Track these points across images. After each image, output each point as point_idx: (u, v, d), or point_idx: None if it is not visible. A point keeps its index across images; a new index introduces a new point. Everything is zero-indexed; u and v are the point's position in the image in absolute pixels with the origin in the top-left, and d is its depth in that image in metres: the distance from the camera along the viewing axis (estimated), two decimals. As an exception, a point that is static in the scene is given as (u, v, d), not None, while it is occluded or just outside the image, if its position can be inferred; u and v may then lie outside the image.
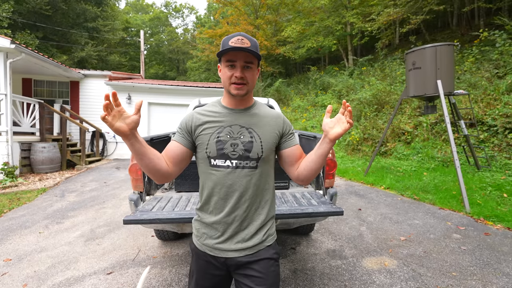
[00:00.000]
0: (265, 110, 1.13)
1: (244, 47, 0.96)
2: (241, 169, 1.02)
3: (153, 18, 36.57)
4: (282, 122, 1.12)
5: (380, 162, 7.03)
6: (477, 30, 8.85)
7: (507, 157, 5.33)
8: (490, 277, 2.32)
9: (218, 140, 1.02)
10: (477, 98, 6.64)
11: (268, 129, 1.07)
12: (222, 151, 1.02)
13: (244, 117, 1.07)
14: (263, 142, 1.04)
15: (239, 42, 0.97)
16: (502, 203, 3.95)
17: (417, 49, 4.82)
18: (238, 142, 1.02)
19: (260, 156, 1.04)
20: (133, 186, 2.21)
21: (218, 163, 1.03)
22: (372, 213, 3.96)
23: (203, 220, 1.08)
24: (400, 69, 10.03)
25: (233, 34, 0.99)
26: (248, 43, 0.98)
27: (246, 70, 1.00)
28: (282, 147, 1.11)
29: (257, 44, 1.02)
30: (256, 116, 1.09)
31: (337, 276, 2.38)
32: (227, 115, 1.07)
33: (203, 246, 1.07)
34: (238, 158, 1.02)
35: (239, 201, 1.03)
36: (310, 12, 15.15)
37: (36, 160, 6.94)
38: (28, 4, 16.87)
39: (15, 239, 3.19)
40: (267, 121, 1.09)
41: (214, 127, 1.05)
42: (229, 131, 1.04)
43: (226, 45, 0.97)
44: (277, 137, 1.09)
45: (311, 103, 12.76)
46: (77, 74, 9.49)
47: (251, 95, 1.10)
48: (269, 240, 1.09)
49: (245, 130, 1.05)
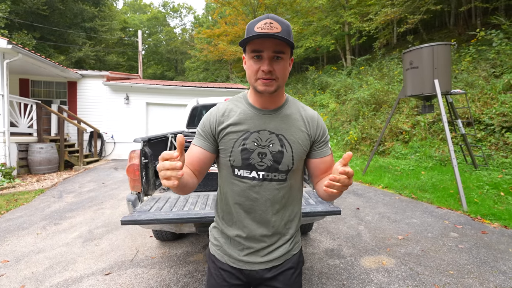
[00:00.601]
0: (298, 110, 0.96)
1: (273, 33, 0.77)
2: (268, 181, 0.90)
3: (151, 18, 36.51)
4: (315, 127, 0.95)
5: (378, 161, 7.05)
6: (474, 30, 8.89)
7: (504, 155, 5.36)
8: (487, 275, 2.33)
9: (243, 149, 0.89)
10: (474, 97, 6.67)
11: (300, 136, 0.92)
12: (248, 161, 0.89)
13: (274, 120, 0.91)
14: (294, 153, 0.91)
15: (267, 27, 0.78)
16: (499, 201, 3.98)
17: (414, 49, 4.84)
18: (266, 152, 0.88)
19: (290, 168, 0.91)
20: (131, 186, 2.21)
21: (243, 173, 0.91)
22: (370, 212, 3.97)
23: (224, 231, 0.98)
24: (397, 69, 10.07)
25: (260, 17, 0.81)
26: (278, 27, 0.79)
27: (275, 62, 0.82)
28: (309, 155, 0.97)
29: (289, 28, 0.82)
30: (288, 119, 0.92)
31: (335, 275, 2.39)
32: (254, 118, 0.91)
33: (224, 257, 0.97)
34: (265, 169, 0.89)
35: (266, 216, 0.92)
36: (308, 12, 15.17)
37: (33, 161, 6.91)
38: (25, 4, 16.78)
39: (13, 240, 3.18)
40: (299, 125, 0.93)
41: (239, 132, 0.90)
42: (257, 137, 0.89)
43: (251, 31, 0.80)
44: (308, 145, 0.94)
45: (309, 103, 12.77)
46: (75, 74, 9.46)
47: (282, 91, 0.93)
48: (295, 248, 1.01)
49: (275, 138, 0.90)
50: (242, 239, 0.94)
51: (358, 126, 8.74)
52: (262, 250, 0.94)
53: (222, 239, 1.00)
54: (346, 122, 9.71)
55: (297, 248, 1.02)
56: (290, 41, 0.79)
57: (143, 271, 2.48)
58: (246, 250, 0.95)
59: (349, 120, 9.63)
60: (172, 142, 3.44)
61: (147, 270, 2.50)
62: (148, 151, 2.34)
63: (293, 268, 0.98)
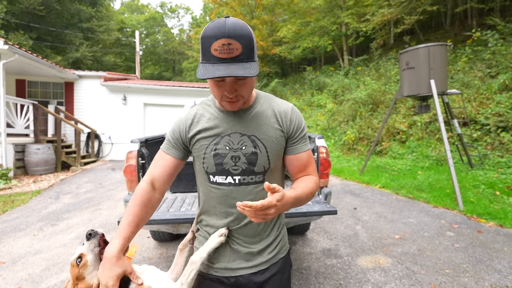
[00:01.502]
0: (270, 106, 0.91)
1: (233, 58, 0.71)
2: (245, 185, 0.87)
3: (148, 18, 36.42)
4: (289, 122, 0.90)
5: (375, 161, 7.08)
6: (470, 30, 8.96)
7: (500, 155, 5.40)
8: (482, 274, 2.35)
9: (216, 154, 0.86)
10: (470, 97, 6.72)
11: (274, 133, 0.88)
12: (222, 166, 0.86)
13: (244, 121, 0.87)
14: (269, 152, 0.87)
15: (224, 50, 0.70)
16: (494, 200, 4.01)
17: (410, 49, 4.87)
18: (239, 155, 0.85)
19: (267, 168, 0.87)
20: (128, 187, 2.21)
21: (218, 180, 0.88)
22: (367, 212, 3.99)
23: (206, 236, 0.95)
24: (394, 69, 10.12)
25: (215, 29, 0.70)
26: (238, 47, 0.70)
27: (239, 84, 0.77)
28: (285, 151, 0.93)
29: (250, 41, 0.73)
30: (258, 117, 0.88)
31: (332, 275, 2.40)
32: (224, 121, 0.88)
33: (206, 267, 0.93)
34: (241, 173, 0.86)
35: (245, 220, 0.89)
36: (305, 13, 15.20)
37: (30, 161, 6.87)
38: (21, 5, 16.70)
39: (9, 241, 3.17)
40: (272, 122, 0.89)
41: (210, 138, 0.87)
42: (228, 141, 0.86)
43: (207, 52, 0.72)
44: (284, 141, 0.90)
45: (307, 103, 12.81)
46: (72, 75, 9.43)
47: None
48: (282, 252, 0.97)
49: (247, 139, 0.86)
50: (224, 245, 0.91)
51: (355, 126, 8.78)
52: (246, 255, 0.91)
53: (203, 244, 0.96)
54: (343, 122, 9.74)
55: (284, 252, 0.99)
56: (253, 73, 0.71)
57: (141, 272, 2.48)
58: (227, 255, 0.92)
59: (346, 120, 9.66)
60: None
61: (145, 271, 2.49)
62: (145, 151, 2.34)
63: (280, 272, 0.95)
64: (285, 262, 0.98)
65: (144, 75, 32.20)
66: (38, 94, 9.72)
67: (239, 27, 0.71)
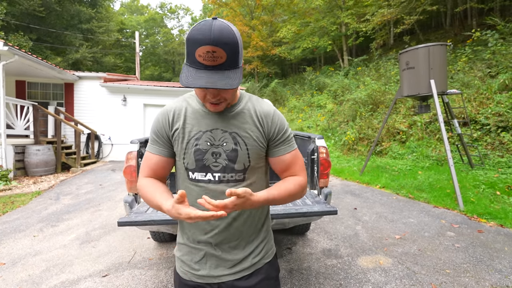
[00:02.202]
0: (253, 106, 0.91)
1: (217, 66, 0.71)
2: (225, 183, 0.86)
3: (148, 19, 36.47)
4: (270, 123, 0.89)
5: (375, 161, 7.08)
6: (469, 30, 8.96)
7: (500, 155, 5.40)
8: (483, 274, 2.35)
9: (196, 150, 0.85)
10: (470, 97, 6.72)
11: (254, 132, 0.88)
12: (202, 162, 0.85)
13: (227, 118, 0.87)
14: (249, 150, 0.86)
15: (208, 57, 0.69)
16: (495, 200, 4.01)
17: (410, 49, 4.87)
18: (220, 151, 0.85)
19: (247, 166, 0.87)
20: (128, 188, 2.20)
21: (198, 176, 0.86)
22: (368, 212, 3.99)
23: (185, 242, 0.93)
24: (394, 69, 10.12)
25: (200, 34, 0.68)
26: (222, 56, 0.70)
27: (222, 90, 0.78)
28: (267, 153, 0.93)
29: (235, 46, 0.72)
30: (241, 116, 0.88)
31: (333, 275, 2.39)
32: (206, 117, 0.87)
33: (188, 273, 0.91)
34: (221, 170, 0.85)
35: (226, 219, 0.87)
36: (305, 13, 15.23)
37: (30, 163, 6.87)
38: (21, 6, 16.72)
39: (9, 243, 3.16)
40: (253, 122, 0.88)
41: (191, 132, 0.86)
42: (209, 137, 0.85)
43: (192, 57, 0.71)
44: (264, 142, 0.90)
45: (307, 104, 12.81)
46: (72, 76, 9.43)
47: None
48: (267, 256, 0.95)
49: (228, 136, 0.85)
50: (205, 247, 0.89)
51: (355, 127, 8.77)
52: (228, 261, 0.89)
53: (184, 251, 0.93)
54: (343, 123, 9.74)
55: (270, 256, 0.96)
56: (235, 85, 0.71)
57: (141, 273, 2.48)
58: (209, 262, 0.89)
59: (346, 120, 9.66)
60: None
61: (145, 272, 2.49)
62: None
63: (266, 279, 0.92)
64: (272, 267, 0.95)
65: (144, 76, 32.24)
66: (38, 95, 9.72)
67: (226, 32, 0.69)
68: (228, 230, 0.88)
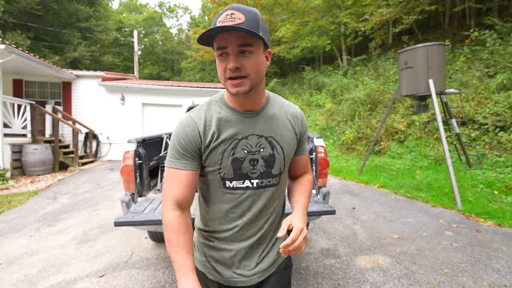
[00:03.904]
0: (282, 108, 0.90)
1: (235, 25, 0.68)
2: (263, 188, 0.85)
3: (147, 18, 36.32)
4: (300, 124, 0.92)
5: (374, 161, 7.08)
6: (468, 30, 8.97)
7: (498, 154, 5.41)
8: (480, 273, 2.35)
9: (234, 159, 0.81)
10: (468, 97, 6.73)
11: (289, 135, 0.88)
12: (240, 171, 0.82)
13: (260, 122, 0.83)
14: (285, 154, 0.86)
15: (228, 19, 0.69)
16: (493, 200, 4.02)
17: (409, 49, 4.87)
18: (258, 157, 0.82)
19: (282, 170, 0.87)
20: (125, 187, 2.19)
21: (236, 185, 0.83)
22: (366, 211, 3.99)
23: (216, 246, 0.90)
24: (393, 69, 10.13)
25: (224, 9, 0.72)
26: (241, 17, 0.69)
27: (243, 57, 0.72)
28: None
29: (256, 17, 0.72)
30: (273, 119, 0.86)
31: (331, 275, 2.39)
32: (239, 122, 0.82)
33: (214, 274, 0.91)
34: (259, 176, 0.83)
35: (259, 224, 0.88)
36: (304, 12, 15.20)
37: (27, 162, 6.84)
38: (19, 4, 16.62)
39: (5, 242, 3.14)
40: (286, 123, 0.88)
41: (226, 141, 0.81)
42: (246, 144, 0.82)
43: (213, 27, 0.71)
44: (296, 143, 0.91)
45: (306, 103, 12.80)
46: (69, 74, 9.38)
47: (261, 89, 0.83)
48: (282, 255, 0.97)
49: (265, 141, 0.83)
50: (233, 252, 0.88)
51: (354, 126, 8.78)
52: (259, 262, 0.90)
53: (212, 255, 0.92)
54: (342, 122, 9.74)
55: None
56: (254, 32, 0.67)
57: (138, 273, 2.46)
58: (237, 263, 0.89)
59: (345, 120, 9.66)
60: (167, 143, 3.43)
61: (142, 272, 2.48)
62: (143, 151, 2.32)
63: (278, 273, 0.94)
64: (285, 264, 0.98)
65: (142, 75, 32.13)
66: (35, 94, 9.67)
67: (247, 6, 0.72)
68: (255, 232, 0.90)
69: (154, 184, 2.73)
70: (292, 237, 0.74)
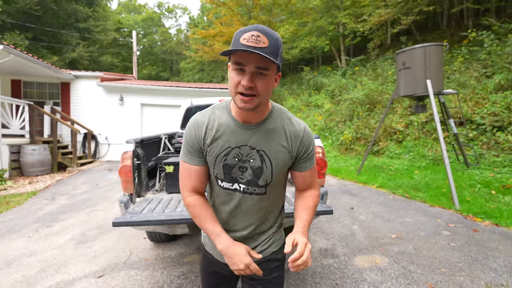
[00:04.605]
0: (282, 124, 0.93)
1: (259, 48, 0.73)
2: (249, 194, 0.94)
3: (145, 18, 36.29)
4: (298, 144, 0.94)
5: (372, 161, 7.10)
6: (466, 31, 9.00)
7: (495, 154, 5.43)
8: (478, 273, 2.37)
9: (225, 164, 0.91)
10: (466, 97, 6.76)
11: (281, 151, 0.91)
12: (230, 175, 0.92)
13: (255, 135, 0.90)
14: (274, 168, 0.91)
15: (253, 40, 0.74)
16: (490, 200, 4.03)
17: (407, 49, 4.89)
18: (247, 166, 0.90)
19: (269, 182, 0.93)
20: (123, 188, 2.19)
21: (226, 185, 0.95)
22: (364, 211, 4.00)
23: None
24: (391, 69, 10.15)
25: (248, 27, 0.77)
26: (265, 41, 0.74)
27: (258, 78, 0.78)
28: (291, 167, 1.00)
29: (278, 43, 0.78)
30: (269, 134, 0.91)
31: (329, 274, 2.40)
32: (235, 132, 0.90)
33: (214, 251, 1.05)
34: (246, 183, 0.93)
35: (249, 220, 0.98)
36: (303, 13, 15.23)
37: (26, 162, 6.82)
38: (17, 4, 16.58)
39: (4, 243, 3.14)
40: (281, 141, 0.92)
41: (221, 147, 0.91)
42: (238, 153, 0.90)
43: (237, 42, 0.76)
44: (290, 160, 0.95)
45: (304, 103, 12.82)
46: (68, 75, 9.37)
47: (265, 104, 0.90)
48: (273, 246, 1.04)
49: (256, 153, 0.90)
50: None
51: (352, 126, 8.79)
52: None
53: None
54: (340, 122, 9.76)
55: (276, 246, 1.05)
56: (273, 60, 0.74)
57: (137, 273, 2.47)
58: None
59: (343, 120, 9.68)
60: (165, 143, 3.43)
61: (141, 272, 2.48)
62: (141, 152, 2.33)
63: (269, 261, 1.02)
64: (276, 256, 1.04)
65: (141, 76, 32.10)
66: (34, 95, 9.64)
67: (270, 30, 0.78)
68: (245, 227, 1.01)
69: (152, 184, 2.73)
70: (299, 251, 0.80)
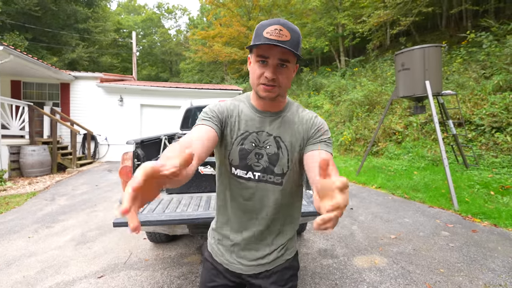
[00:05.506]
0: (297, 113, 0.95)
1: (282, 41, 0.77)
2: (264, 183, 0.91)
3: (145, 19, 36.29)
4: (310, 126, 0.92)
5: (372, 161, 7.11)
6: (464, 32, 9.04)
7: (494, 155, 5.45)
8: (476, 273, 2.38)
9: (242, 149, 0.90)
10: (465, 98, 6.78)
11: (297, 138, 0.91)
12: (246, 161, 0.90)
13: (273, 123, 0.92)
14: (290, 155, 0.90)
15: (275, 33, 0.77)
16: (489, 200, 4.05)
17: (406, 51, 4.91)
18: (263, 153, 0.89)
19: (285, 171, 0.90)
20: (123, 188, 2.20)
21: (239, 173, 0.91)
22: (364, 212, 4.01)
23: (219, 231, 1.01)
24: (390, 70, 10.18)
25: (270, 20, 0.80)
26: (287, 35, 0.78)
27: (280, 70, 0.82)
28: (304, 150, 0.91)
29: (299, 37, 0.82)
30: (286, 122, 0.92)
31: (328, 275, 2.41)
32: (255, 120, 0.92)
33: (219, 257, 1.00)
34: (261, 170, 0.90)
35: (261, 217, 0.93)
36: (302, 14, 15.28)
37: (25, 163, 6.81)
38: (16, 5, 16.57)
39: (3, 244, 3.14)
40: (297, 128, 0.92)
41: (239, 131, 0.91)
42: (255, 138, 0.90)
43: (260, 36, 0.79)
44: (304, 143, 0.92)
45: (304, 104, 12.83)
46: (68, 76, 9.37)
47: (284, 95, 0.92)
48: (288, 253, 1.00)
49: (272, 140, 0.90)
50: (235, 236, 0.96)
51: (352, 127, 8.81)
52: (253, 252, 0.96)
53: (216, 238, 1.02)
54: (340, 123, 9.78)
55: (291, 254, 1.02)
56: (297, 53, 0.78)
57: (137, 274, 2.47)
58: (237, 251, 0.96)
59: (343, 121, 9.70)
60: (165, 144, 3.44)
61: (141, 273, 2.49)
62: (141, 153, 2.34)
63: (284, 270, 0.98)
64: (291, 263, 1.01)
65: (141, 76, 32.10)
66: (33, 95, 9.64)
67: (291, 23, 0.81)
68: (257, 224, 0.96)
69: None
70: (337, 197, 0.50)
